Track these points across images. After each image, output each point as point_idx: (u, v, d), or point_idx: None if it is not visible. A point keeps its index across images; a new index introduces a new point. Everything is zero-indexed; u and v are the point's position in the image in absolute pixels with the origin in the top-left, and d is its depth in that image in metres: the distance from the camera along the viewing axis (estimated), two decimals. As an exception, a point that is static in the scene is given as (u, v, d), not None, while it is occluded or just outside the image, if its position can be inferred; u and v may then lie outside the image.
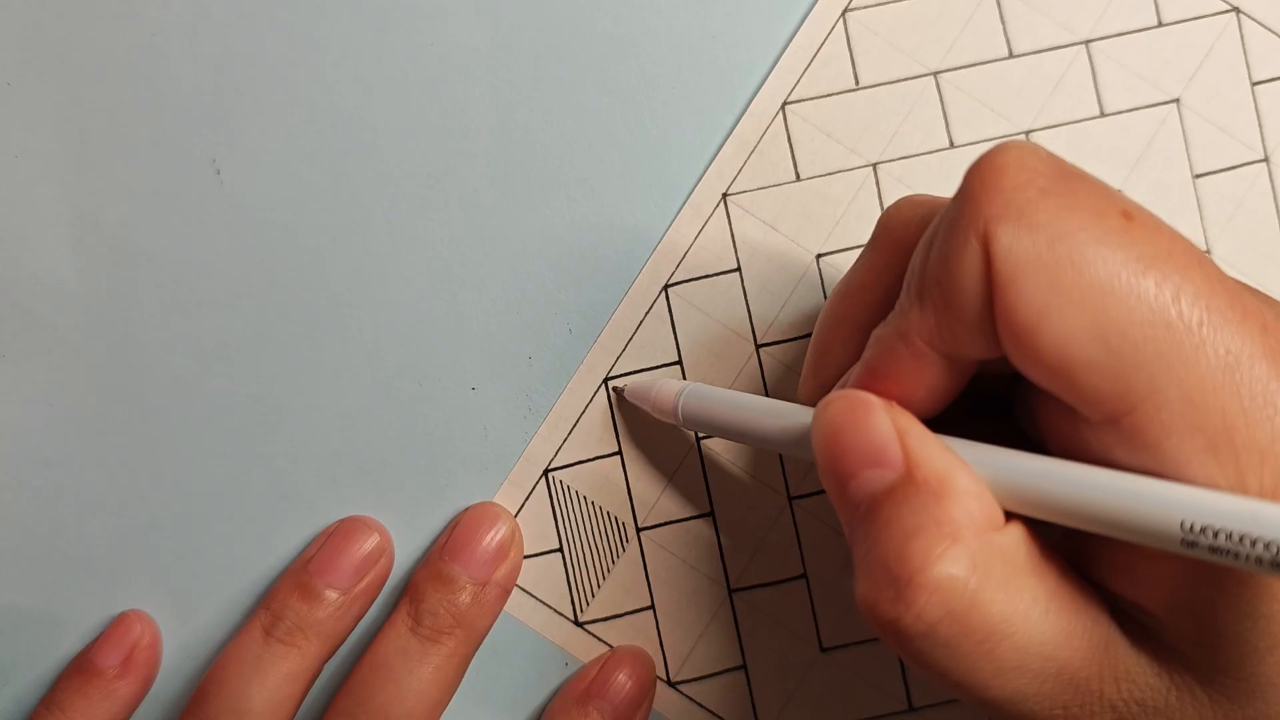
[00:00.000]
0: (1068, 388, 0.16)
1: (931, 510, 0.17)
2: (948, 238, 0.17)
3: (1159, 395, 0.16)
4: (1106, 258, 0.16)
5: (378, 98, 0.28)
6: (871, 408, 0.19)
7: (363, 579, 0.27)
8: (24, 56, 0.28)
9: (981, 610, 0.16)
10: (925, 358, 0.18)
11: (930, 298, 0.18)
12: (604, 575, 0.28)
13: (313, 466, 0.28)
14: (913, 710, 0.27)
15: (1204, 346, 0.16)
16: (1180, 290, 0.16)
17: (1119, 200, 0.17)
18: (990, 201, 0.17)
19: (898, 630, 0.17)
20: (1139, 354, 0.16)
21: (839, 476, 0.19)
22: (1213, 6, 0.28)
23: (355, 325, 0.28)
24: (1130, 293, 0.16)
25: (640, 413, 0.27)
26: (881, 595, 0.17)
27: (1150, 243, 0.16)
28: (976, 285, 0.17)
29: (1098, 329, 0.16)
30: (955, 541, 0.17)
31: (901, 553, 0.17)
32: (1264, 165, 0.28)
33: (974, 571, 0.16)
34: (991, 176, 0.17)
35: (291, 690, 0.26)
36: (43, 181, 0.28)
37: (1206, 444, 0.16)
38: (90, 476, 0.28)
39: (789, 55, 0.28)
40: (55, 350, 0.28)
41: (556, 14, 0.28)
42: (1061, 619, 0.17)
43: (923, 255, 0.18)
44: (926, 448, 0.18)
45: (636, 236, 0.28)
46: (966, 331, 0.17)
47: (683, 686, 0.27)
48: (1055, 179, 0.17)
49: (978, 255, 0.17)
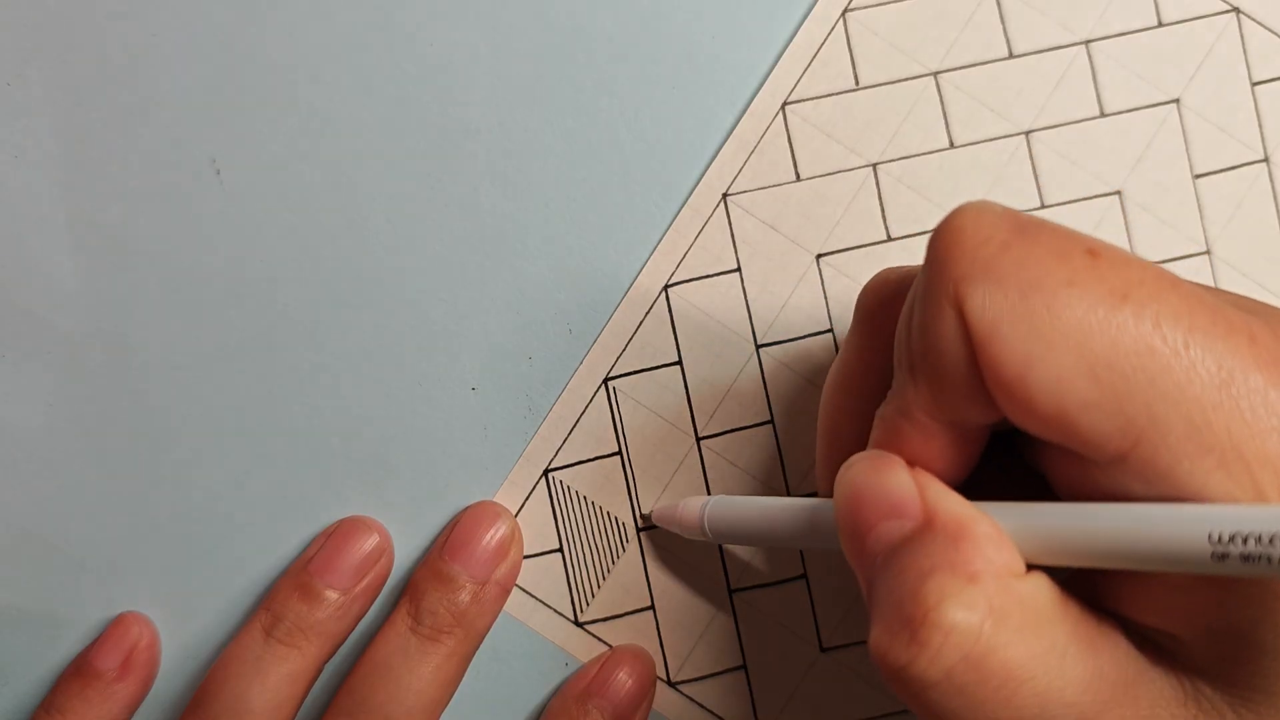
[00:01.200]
0: (1069, 433, 0.16)
1: (948, 553, 0.17)
2: (923, 309, 0.17)
3: (1160, 423, 0.16)
4: (1079, 297, 0.16)
5: (378, 98, 0.28)
6: (891, 464, 0.19)
7: (363, 579, 0.27)
8: (24, 56, 0.28)
9: (999, 655, 0.16)
10: (930, 430, 0.18)
11: (920, 371, 0.18)
12: (604, 575, 0.28)
13: (313, 466, 0.28)
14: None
15: (1195, 367, 0.15)
16: (1160, 315, 0.16)
17: (1081, 240, 0.17)
18: (955, 264, 0.17)
19: (912, 676, 0.16)
20: (1131, 385, 0.16)
21: (858, 531, 0.18)
22: (1213, 6, 0.28)
23: (355, 325, 0.28)
24: (1110, 326, 0.16)
25: (640, 412, 0.28)
26: (895, 639, 0.16)
27: (1119, 275, 0.16)
28: (959, 350, 0.17)
29: (1085, 368, 0.16)
30: (972, 583, 0.16)
31: (916, 594, 0.16)
32: (1264, 165, 0.28)
33: (990, 614, 0.16)
34: (952, 240, 0.17)
35: (292, 691, 0.26)
36: (43, 181, 0.28)
37: (1218, 463, 0.15)
38: (90, 476, 0.28)
39: (789, 55, 0.28)
40: (55, 350, 0.28)
41: (556, 14, 0.28)
42: (1082, 663, 0.17)
43: (905, 330, 0.18)
44: (946, 498, 0.18)
45: (636, 236, 0.28)
46: (961, 397, 0.17)
47: (683, 686, 0.27)
48: (1013, 231, 0.17)
49: (954, 319, 0.17)
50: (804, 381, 0.28)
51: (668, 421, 0.28)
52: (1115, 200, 0.28)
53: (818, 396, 0.27)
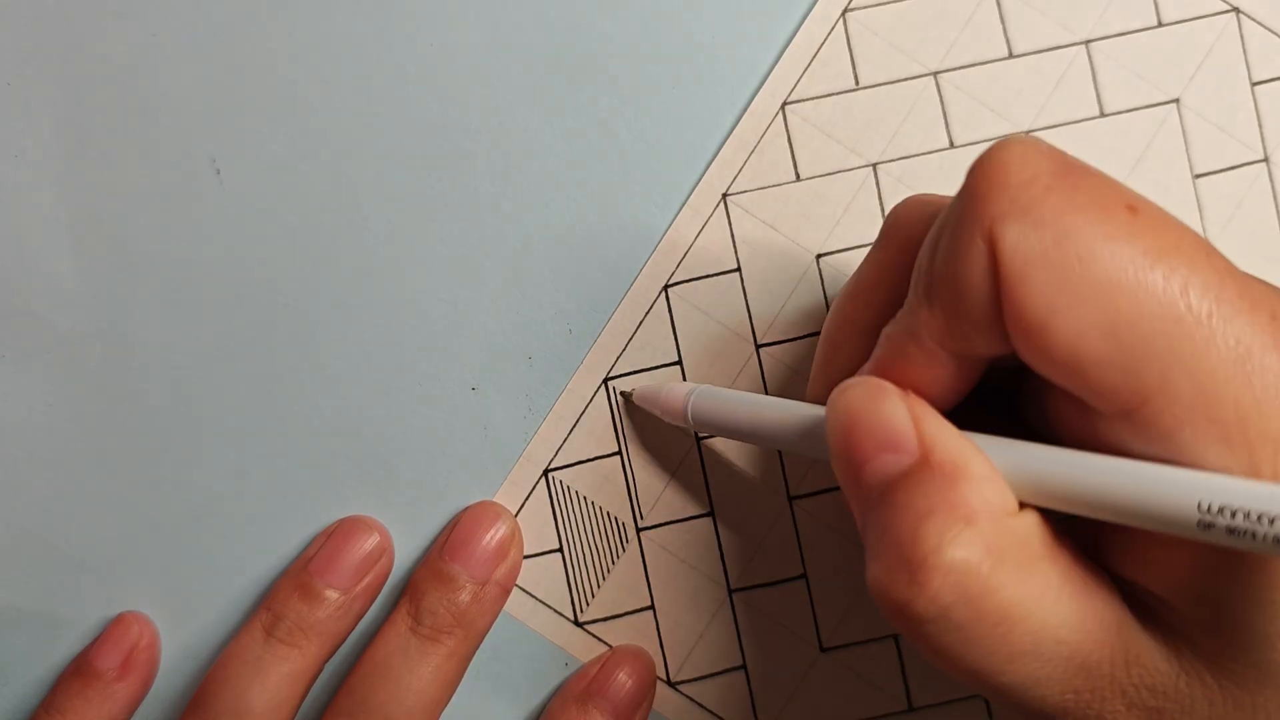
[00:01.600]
0: (1080, 383, 0.16)
1: (946, 494, 0.17)
2: (953, 237, 0.17)
3: (1171, 388, 0.16)
4: (1114, 252, 0.16)
5: (378, 98, 0.28)
6: (887, 394, 0.19)
7: (363, 579, 0.27)
8: (24, 56, 0.28)
9: (996, 594, 0.16)
10: (935, 356, 0.18)
11: (938, 297, 0.18)
12: (604, 575, 0.28)
13: (313, 466, 0.28)
14: (913, 710, 0.27)
15: (1214, 338, 0.16)
16: (1189, 282, 0.16)
17: (1124, 193, 0.17)
18: (995, 200, 0.17)
19: (910, 614, 0.17)
20: (1150, 347, 0.16)
21: (854, 462, 0.19)
22: (1213, 6, 0.28)
23: (355, 325, 0.28)
24: (1139, 286, 0.16)
25: (640, 413, 0.27)
26: (894, 578, 0.17)
27: (1157, 236, 0.16)
28: (984, 284, 0.17)
29: (1108, 324, 0.16)
30: (970, 524, 0.17)
31: (915, 535, 0.17)
32: (1264, 165, 0.28)
33: (988, 555, 0.16)
34: (995, 174, 0.17)
35: (292, 690, 0.26)
36: (43, 181, 0.28)
37: (1220, 435, 0.16)
38: (90, 476, 0.28)
39: (789, 55, 0.28)
40: (55, 350, 0.28)
41: (556, 14, 0.28)
42: (1075, 603, 0.17)
43: (929, 254, 0.18)
44: (942, 433, 0.18)
45: (636, 236, 0.28)
46: (976, 330, 0.17)
47: (683, 686, 0.27)
48: (1059, 174, 0.17)
49: (984, 254, 0.17)
50: (804, 381, 0.28)
51: (668, 421, 0.28)
52: (1115, 200, 0.28)
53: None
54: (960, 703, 0.27)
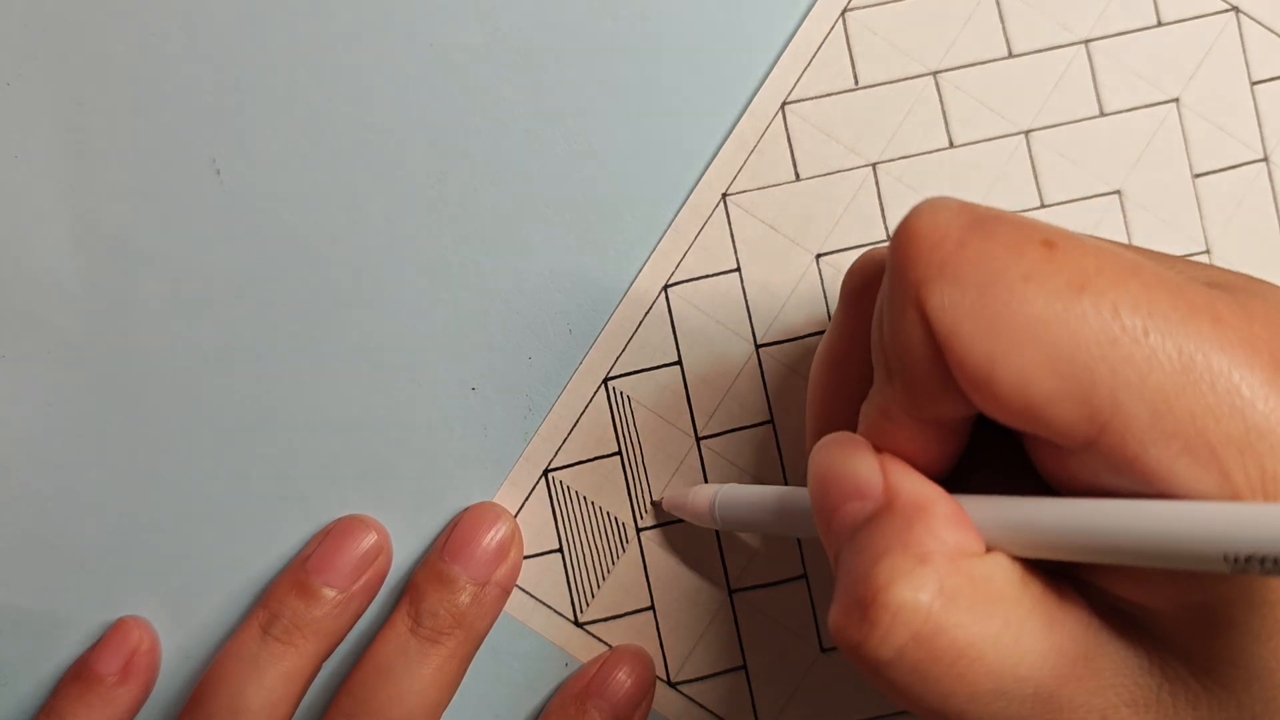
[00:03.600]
0: (1038, 423, 0.16)
1: (902, 535, 0.17)
2: (889, 312, 0.17)
3: (1124, 411, 0.16)
4: (1036, 291, 0.16)
5: (378, 98, 0.28)
6: (857, 446, 0.19)
7: (360, 577, 0.27)
8: (24, 56, 0.28)
9: (949, 634, 0.16)
10: (911, 428, 0.18)
11: (894, 372, 0.18)
12: (604, 575, 0.28)
13: (312, 466, 0.28)
14: (913, 710, 0.27)
15: (1155, 354, 0.16)
16: (1118, 303, 0.16)
17: (1038, 230, 0.17)
18: (913, 268, 0.17)
19: (865, 655, 0.17)
20: (1094, 375, 0.16)
21: (825, 511, 0.19)
22: (1212, 6, 0.28)
23: (355, 325, 0.28)
24: (1068, 318, 0.16)
25: (640, 412, 0.27)
26: (849, 618, 0.17)
27: (1077, 265, 0.16)
28: (925, 350, 0.17)
29: (1048, 362, 0.16)
30: (922, 563, 0.17)
31: (868, 574, 0.17)
32: (1263, 165, 0.28)
33: (940, 595, 0.16)
34: (909, 241, 0.17)
35: (289, 689, 0.26)
36: (43, 181, 0.28)
37: (1183, 448, 0.15)
38: (90, 476, 0.28)
39: (788, 55, 0.28)
40: (55, 350, 0.28)
41: (556, 14, 0.28)
42: (1039, 639, 0.17)
43: (877, 332, 0.19)
44: (908, 479, 0.18)
45: (636, 236, 0.28)
46: (935, 397, 0.17)
47: (683, 687, 0.27)
48: (970, 227, 0.17)
49: (917, 322, 0.17)
50: (804, 381, 0.28)
51: (668, 421, 0.28)
52: (1115, 200, 0.28)
53: (818, 396, 0.27)
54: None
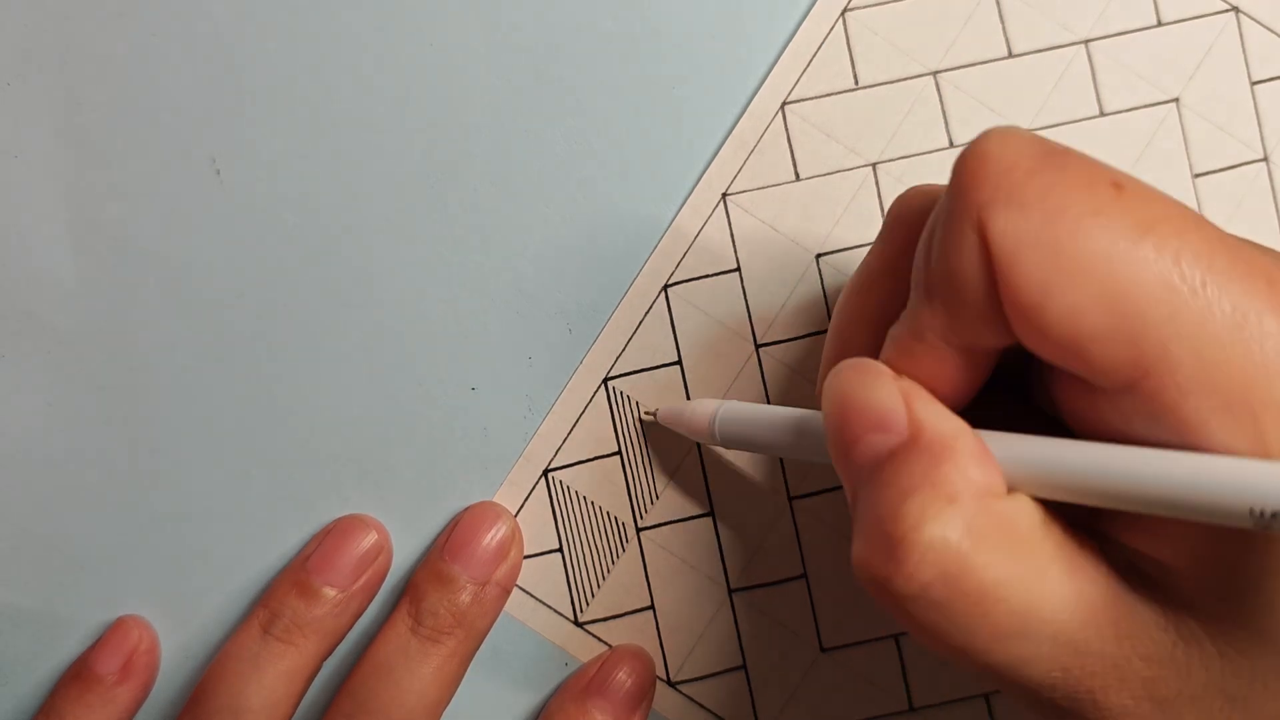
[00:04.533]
0: (1080, 360, 0.16)
1: (930, 473, 0.17)
2: (945, 232, 0.17)
3: (1171, 358, 0.16)
4: (1102, 227, 0.16)
5: (378, 98, 0.28)
6: (879, 374, 0.19)
7: (360, 576, 0.27)
8: (24, 56, 0.28)
9: (975, 574, 0.16)
10: (942, 353, 0.18)
11: (937, 293, 0.18)
12: (604, 575, 0.28)
13: (313, 466, 0.28)
14: (913, 710, 0.27)
15: (1210, 306, 0.15)
16: (1180, 252, 0.16)
17: (1108, 171, 0.17)
18: (979, 189, 0.17)
19: (890, 590, 0.17)
20: (1146, 319, 0.16)
21: (844, 443, 0.18)
22: (1212, 6, 0.28)
23: (355, 325, 0.28)
24: (1130, 259, 0.16)
25: (640, 413, 0.27)
26: (874, 554, 0.17)
27: (1144, 209, 0.16)
28: (979, 274, 0.17)
29: (1103, 298, 0.16)
30: (951, 503, 0.17)
31: (896, 512, 0.17)
32: (1263, 164, 0.28)
33: (968, 534, 0.16)
34: (977, 165, 0.17)
35: (289, 688, 0.26)
36: (43, 181, 0.28)
37: (1223, 404, 0.15)
38: (90, 476, 0.28)
39: (788, 55, 0.28)
40: (55, 350, 0.28)
41: (556, 14, 0.28)
42: (1062, 584, 0.17)
43: (924, 251, 0.18)
44: (933, 414, 0.18)
45: (636, 236, 0.28)
46: (977, 322, 0.17)
47: (683, 686, 0.27)
48: (1041, 158, 0.17)
49: (975, 244, 0.17)
50: (804, 381, 0.28)
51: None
52: (1115, 200, 0.28)
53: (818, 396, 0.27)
54: (961, 703, 0.27)
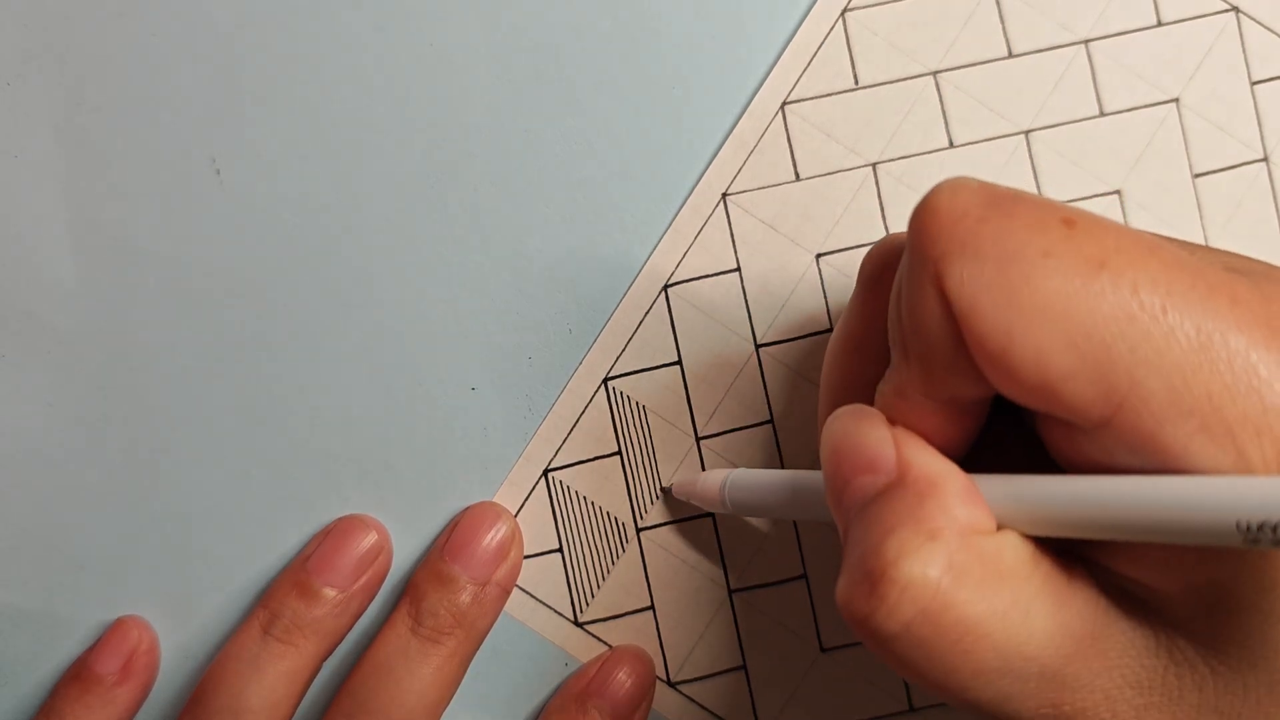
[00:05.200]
0: (1053, 402, 0.16)
1: (914, 510, 0.17)
2: (907, 290, 0.17)
3: (1141, 389, 0.16)
4: (1055, 267, 0.16)
5: (378, 97, 0.28)
6: (871, 419, 0.19)
7: (361, 577, 0.27)
8: (24, 56, 0.28)
9: (956, 611, 0.16)
10: (927, 408, 0.18)
11: (911, 351, 0.18)
12: (604, 575, 0.28)
13: (313, 466, 0.28)
14: (913, 710, 0.27)
15: (1173, 332, 0.16)
16: (1137, 282, 0.16)
17: (1058, 210, 0.17)
18: (933, 244, 0.17)
19: (871, 628, 0.17)
20: (1112, 353, 0.16)
21: (838, 486, 0.19)
22: (1212, 6, 0.28)
23: (355, 325, 0.28)
24: (1087, 295, 0.16)
25: (640, 413, 0.27)
26: (855, 592, 0.17)
27: (1096, 243, 0.16)
28: (944, 328, 0.17)
29: (1065, 337, 0.16)
30: (932, 539, 0.17)
31: (878, 548, 0.17)
32: (1263, 165, 0.28)
33: (949, 570, 0.16)
34: (929, 219, 0.17)
35: (290, 689, 0.26)
36: (43, 181, 0.28)
37: (1200, 426, 0.15)
38: (90, 476, 0.28)
39: (788, 55, 0.28)
40: (55, 350, 0.28)
41: (556, 14, 0.28)
42: (1047, 618, 0.17)
43: (895, 310, 0.18)
44: (921, 454, 0.18)
45: (636, 236, 0.28)
46: (952, 375, 0.17)
47: (683, 686, 0.27)
48: (989, 204, 0.17)
49: (936, 299, 0.17)
50: (804, 381, 0.28)
51: (668, 421, 0.28)
52: (1115, 199, 0.28)
53: (817, 396, 0.27)
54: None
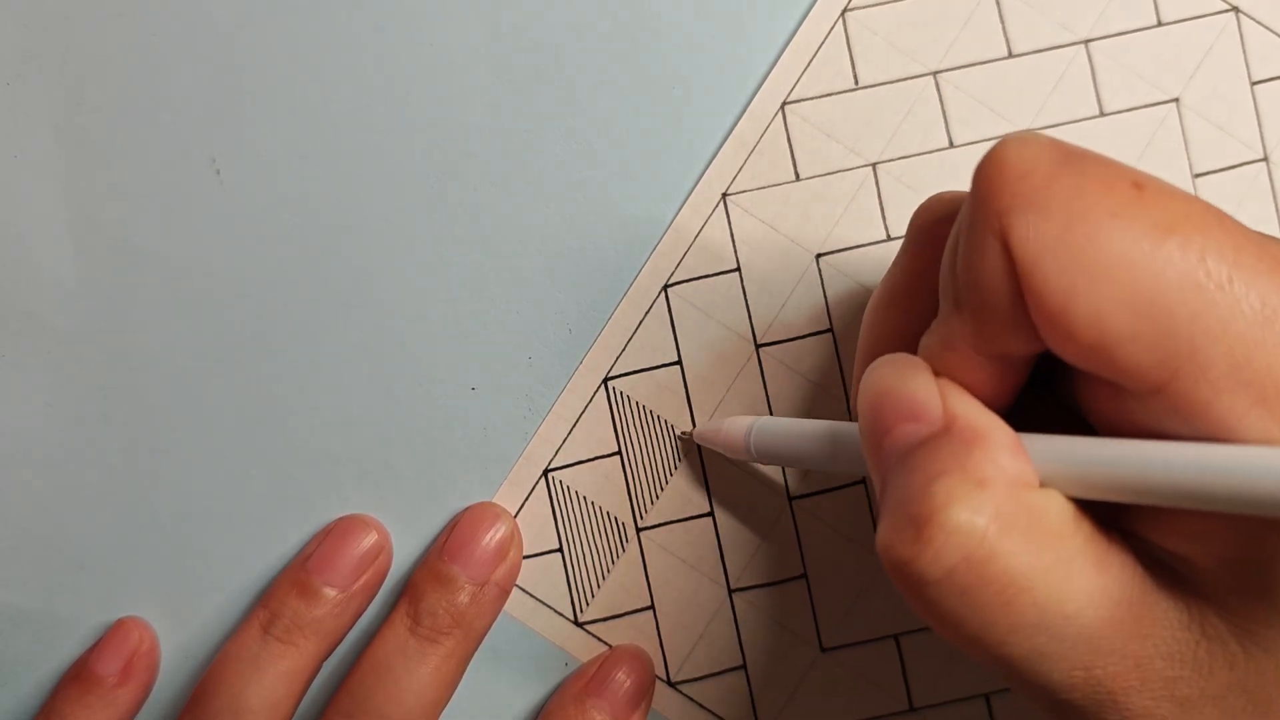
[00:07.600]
0: (1108, 364, 0.16)
1: (961, 458, 0.17)
2: (967, 241, 0.17)
3: (1200, 357, 0.15)
4: (1124, 229, 0.16)
5: (378, 98, 0.28)
6: (916, 368, 0.19)
7: (361, 577, 0.27)
8: (24, 56, 0.28)
9: (1001, 561, 0.16)
10: (974, 362, 0.18)
11: (965, 303, 0.18)
12: (604, 575, 0.28)
13: (313, 466, 0.28)
14: (913, 710, 0.27)
15: (1238, 302, 0.15)
16: (1205, 249, 0.16)
17: (1127, 172, 0.17)
18: (999, 197, 0.17)
19: (912, 573, 0.16)
20: (1174, 318, 0.15)
21: (877, 433, 0.18)
22: (1212, 6, 0.28)
23: (355, 325, 0.28)
24: (1154, 259, 0.16)
25: (640, 412, 0.27)
26: (900, 536, 0.17)
27: (1166, 207, 0.16)
28: (1004, 282, 0.17)
29: (1128, 300, 0.16)
30: (981, 488, 0.16)
31: (924, 493, 0.16)
32: (1263, 165, 0.28)
33: (996, 519, 0.16)
34: (996, 172, 0.17)
35: (290, 689, 0.26)
36: (43, 181, 0.28)
37: (1257, 399, 0.15)
38: (90, 476, 0.28)
39: (788, 55, 0.28)
40: (55, 350, 0.28)
41: (556, 14, 0.28)
42: (1087, 579, 0.17)
43: (950, 261, 0.18)
44: (967, 405, 0.18)
45: (636, 236, 0.28)
46: (1006, 329, 0.17)
47: (683, 686, 0.27)
48: (1059, 161, 0.17)
49: (998, 252, 0.17)
50: (804, 380, 0.28)
51: (667, 421, 0.28)
52: (1115, 200, 0.28)
53: (818, 396, 0.27)
54: (962, 703, 0.27)
